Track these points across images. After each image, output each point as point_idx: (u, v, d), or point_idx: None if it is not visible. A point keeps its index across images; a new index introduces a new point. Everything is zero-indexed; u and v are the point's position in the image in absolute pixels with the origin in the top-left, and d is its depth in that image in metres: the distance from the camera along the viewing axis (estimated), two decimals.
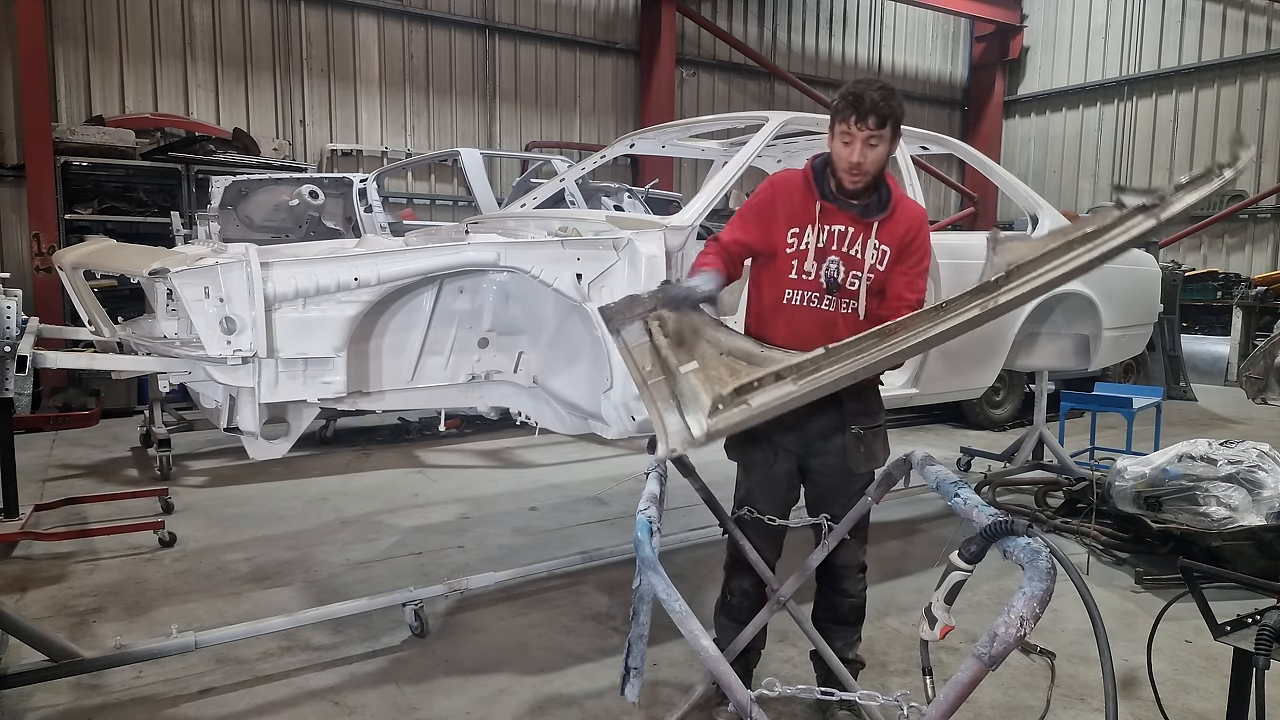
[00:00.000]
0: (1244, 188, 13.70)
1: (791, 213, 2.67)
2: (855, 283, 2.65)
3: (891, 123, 2.53)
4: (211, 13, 9.99)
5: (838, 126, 2.57)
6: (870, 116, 2.50)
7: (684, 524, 4.70)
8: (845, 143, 2.56)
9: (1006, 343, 4.50)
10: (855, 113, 2.51)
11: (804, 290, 2.66)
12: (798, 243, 2.65)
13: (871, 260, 2.64)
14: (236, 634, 3.22)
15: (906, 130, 4.43)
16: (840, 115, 2.55)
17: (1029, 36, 16.39)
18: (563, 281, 3.22)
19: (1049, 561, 1.58)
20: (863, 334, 2.12)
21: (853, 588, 2.85)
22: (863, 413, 2.74)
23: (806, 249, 2.64)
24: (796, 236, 2.65)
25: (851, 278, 2.64)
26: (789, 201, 2.68)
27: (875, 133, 2.52)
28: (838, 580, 2.83)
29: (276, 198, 7.46)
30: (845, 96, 2.55)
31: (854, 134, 2.53)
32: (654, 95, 12.67)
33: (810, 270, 2.65)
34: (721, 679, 1.75)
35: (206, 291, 2.80)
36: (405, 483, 5.96)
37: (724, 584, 2.93)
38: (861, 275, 2.64)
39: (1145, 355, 8.71)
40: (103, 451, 6.68)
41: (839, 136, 2.57)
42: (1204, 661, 3.36)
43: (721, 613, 2.92)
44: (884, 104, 2.50)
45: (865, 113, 2.50)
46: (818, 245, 2.64)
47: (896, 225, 2.67)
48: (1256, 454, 4.40)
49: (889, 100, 2.52)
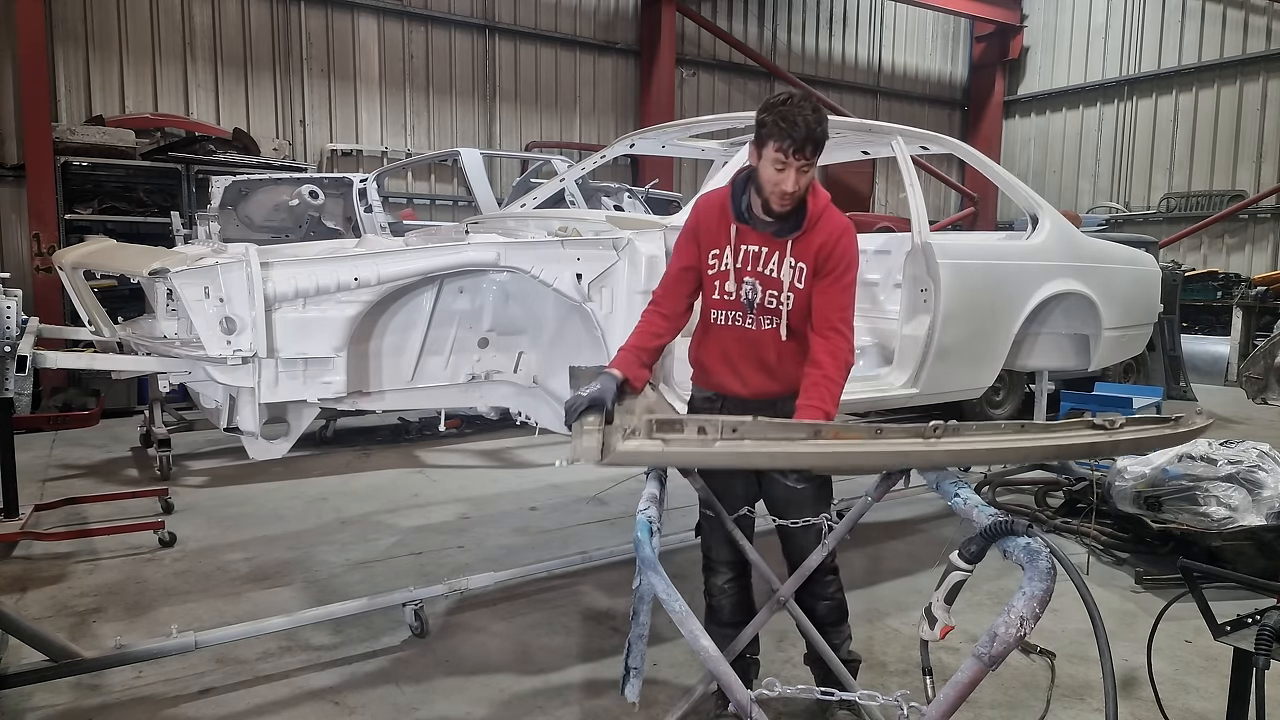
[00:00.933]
0: (1244, 188, 13.72)
1: (710, 235, 2.68)
2: (773, 301, 2.64)
3: (823, 145, 2.47)
4: (211, 13, 9.99)
5: (769, 150, 2.47)
6: (807, 145, 2.42)
7: (684, 524, 4.69)
8: (778, 169, 2.47)
9: (1007, 343, 4.50)
10: (792, 140, 2.42)
11: (727, 310, 2.69)
12: (718, 264, 2.66)
13: (789, 279, 2.61)
14: (236, 634, 3.22)
15: (906, 130, 4.45)
16: (775, 140, 2.45)
17: (1029, 36, 16.39)
18: (563, 281, 3.22)
19: (1049, 561, 1.59)
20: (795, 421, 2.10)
21: (824, 590, 2.87)
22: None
23: (726, 270, 2.65)
24: (716, 258, 2.66)
25: (768, 297, 2.63)
26: (708, 223, 2.69)
27: (809, 160, 2.46)
28: (812, 585, 2.80)
29: (276, 198, 7.46)
30: (780, 120, 2.43)
31: (789, 161, 2.44)
32: (654, 95, 12.67)
33: (731, 291, 2.66)
34: (721, 679, 1.76)
35: (206, 291, 2.80)
36: (405, 483, 5.96)
37: (704, 591, 2.95)
38: (780, 294, 2.62)
39: (1145, 355, 8.69)
40: (103, 451, 6.68)
41: (770, 161, 2.48)
42: (1204, 661, 3.36)
43: (710, 620, 2.92)
44: (819, 129, 2.43)
45: (802, 142, 2.42)
46: (736, 266, 2.64)
47: (812, 240, 2.61)
48: (1256, 454, 4.40)
49: (822, 124, 2.44)
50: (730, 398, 2.76)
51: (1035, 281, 4.54)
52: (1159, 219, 14.48)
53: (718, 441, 1.89)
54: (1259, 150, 13.57)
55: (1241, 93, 13.76)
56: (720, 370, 2.75)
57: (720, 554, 2.87)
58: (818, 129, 2.42)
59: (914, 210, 4.18)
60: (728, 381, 2.75)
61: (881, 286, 5.29)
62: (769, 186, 2.51)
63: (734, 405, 2.74)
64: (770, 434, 1.94)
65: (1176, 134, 14.52)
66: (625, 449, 1.89)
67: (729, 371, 2.73)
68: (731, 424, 1.90)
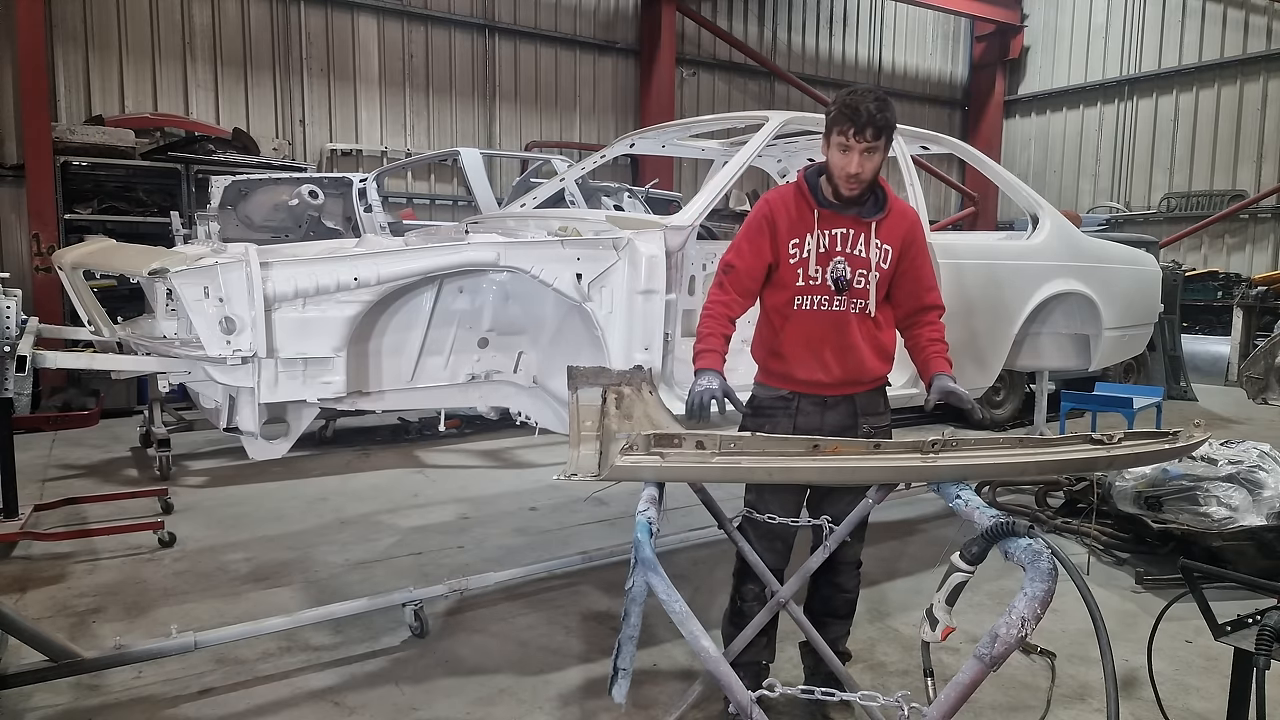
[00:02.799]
0: (1244, 187, 13.72)
1: (791, 225, 2.72)
2: (862, 280, 2.71)
3: (887, 132, 2.58)
4: (211, 13, 9.99)
5: (834, 136, 2.60)
6: (868, 129, 2.53)
7: (684, 524, 4.69)
8: (842, 152, 2.60)
9: (1007, 342, 4.50)
10: (853, 124, 2.54)
11: (812, 295, 2.71)
12: (799, 252, 2.70)
13: (876, 258, 2.71)
14: (236, 634, 3.22)
15: (906, 130, 4.46)
16: (837, 125, 2.58)
17: (1029, 36, 16.38)
18: (562, 281, 3.22)
19: (1050, 562, 1.59)
20: (794, 437, 2.12)
21: (849, 582, 2.91)
22: (872, 411, 2.83)
23: (809, 256, 2.69)
24: (798, 246, 2.71)
25: (858, 276, 2.71)
26: (786, 215, 2.73)
27: (872, 144, 2.56)
28: (835, 575, 2.85)
29: (276, 198, 7.45)
30: (843, 108, 2.57)
31: (851, 145, 2.56)
32: (654, 95, 12.67)
33: (816, 275, 2.70)
34: (722, 679, 1.76)
35: (206, 291, 2.80)
36: (405, 483, 5.95)
37: (734, 590, 2.94)
38: (868, 273, 2.71)
39: (1146, 355, 8.69)
40: (102, 451, 6.68)
41: (835, 146, 2.61)
42: (1204, 661, 3.36)
43: (730, 621, 2.91)
44: (880, 115, 2.54)
45: (863, 125, 2.53)
46: (819, 250, 2.69)
47: (896, 225, 2.75)
48: (1257, 454, 4.40)
49: (884, 111, 2.55)
50: (807, 395, 2.76)
51: (1036, 281, 4.54)
52: (1159, 219, 14.48)
53: (715, 456, 1.89)
54: (1259, 150, 13.56)
55: (1242, 93, 13.76)
56: (802, 357, 2.75)
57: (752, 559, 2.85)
58: (879, 115, 2.53)
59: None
60: (810, 370, 2.74)
61: None
62: (837, 171, 2.63)
63: (810, 404, 2.76)
64: (768, 449, 1.94)
65: (1177, 134, 14.51)
66: (623, 464, 1.89)
67: (811, 358, 2.74)
68: (730, 439, 1.90)
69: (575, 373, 2.78)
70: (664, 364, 3.43)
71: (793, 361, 2.76)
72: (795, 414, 2.76)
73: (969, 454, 2.07)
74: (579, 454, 2.13)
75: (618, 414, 2.51)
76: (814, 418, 2.75)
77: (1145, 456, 2.45)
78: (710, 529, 3.77)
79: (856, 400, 2.78)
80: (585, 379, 2.70)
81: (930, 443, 2.01)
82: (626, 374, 2.84)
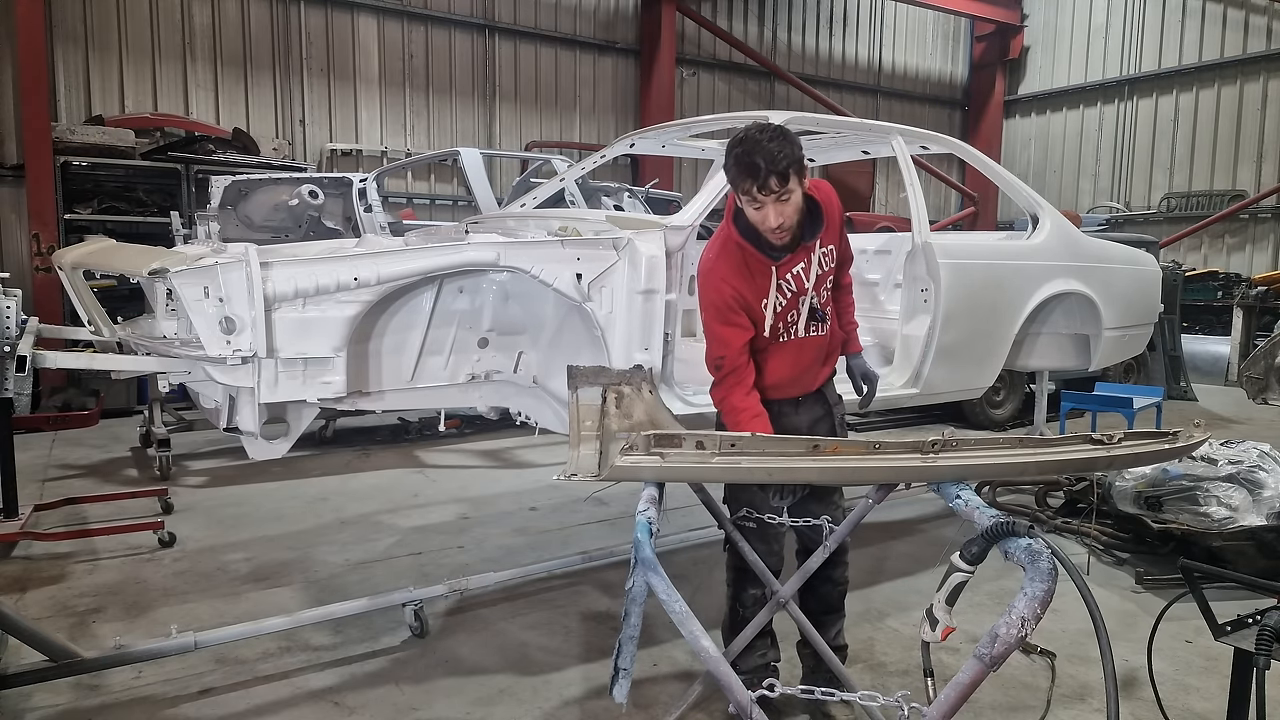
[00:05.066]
0: (1244, 187, 13.72)
1: (756, 290, 2.64)
2: (825, 294, 2.78)
3: (794, 169, 2.39)
4: (211, 13, 9.99)
5: (740, 195, 2.46)
6: (771, 179, 2.37)
7: (684, 524, 4.69)
8: (756, 209, 2.46)
9: (1007, 342, 4.50)
10: (754, 181, 2.37)
11: (789, 330, 2.74)
12: (772, 305, 2.67)
13: (826, 266, 2.75)
14: (236, 634, 3.22)
15: (906, 130, 4.45)
16: (739, 185, 2.42)
17: (1029, 36, 16.39)
18: (563, 281, 3.22)
19: (1050, 562, 1.58)
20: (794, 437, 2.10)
21: (840, 574, 2.94)
22: (834, 399, 2.98)
23: (782, 306, 2.69)
24: (767, 305, 2.66)
25: (824, 292, 2.77)
26: (749, 283, 2.64)
27: (781, 190, 2.40)
28: (827, 568, 2.80)
29: (276, 198, 7.46)
30: (738, 164, 2.39)
31: (762, 200, 2.42)
32: (654, 95, 12.67)
33: (792, 318, 2.72)
34: (722, 679, 1.75)
35: (206, 291, 2.79)
36: (405, 483, 5.95)
37: (733, 598, 2.94)
38: (825, 283, 2.77)
39: (1146, 355, 8.69)
40: (102, 451, 6.68)
41: (747, 204, 2.47)
42: (1204, 661, 3.36)
43: (732, 629, 2.89)
44: (780, 161, 2.35)
45: (764, 179, 2.36)
46: (789, 294, 2.68)
47: (829, 222, 2.72)
48: (1257, 454, 4.40)
49: (783, 151, 2.35)
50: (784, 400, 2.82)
51: (1036, 281, 4.53)
52: (1159, 219, 14.48)
53: (715, 456, 1.89)
54: (1259, 150, 13.57)
55: (1242, 92, 13.76)
56: (787, 389, 2.80)
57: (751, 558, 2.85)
58: (779, 161, 2.34)
59: (914, 210, 4.18)
60: (789, 391, 2.82)
61: (882, 286, 5.28)
62: (760, 227, 2.52)
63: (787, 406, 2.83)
64: (768, 449, 1.93)
65: (1177, 134, 14.51)
66: (623, 464, 1.89)
67: (794, 384, 2.81)
68: (730, 439, 1.89)
69: (575, 372, 2.79)
70: (664, 364, 3.43)
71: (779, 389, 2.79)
72: (777, 418, 2.75)
73: (969, 454, 2.07)
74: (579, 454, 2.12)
75: (618, 414, 2.51)
76: (792, 418, 2.82)
77: (1145, 456, 2.45)
78: (710, 529, 3.78)
79: (824, 392, 2.92)
80: (585, 379, 2.71)
81: (930, 443, 2.00)
82: (626, 374, 2.85)
